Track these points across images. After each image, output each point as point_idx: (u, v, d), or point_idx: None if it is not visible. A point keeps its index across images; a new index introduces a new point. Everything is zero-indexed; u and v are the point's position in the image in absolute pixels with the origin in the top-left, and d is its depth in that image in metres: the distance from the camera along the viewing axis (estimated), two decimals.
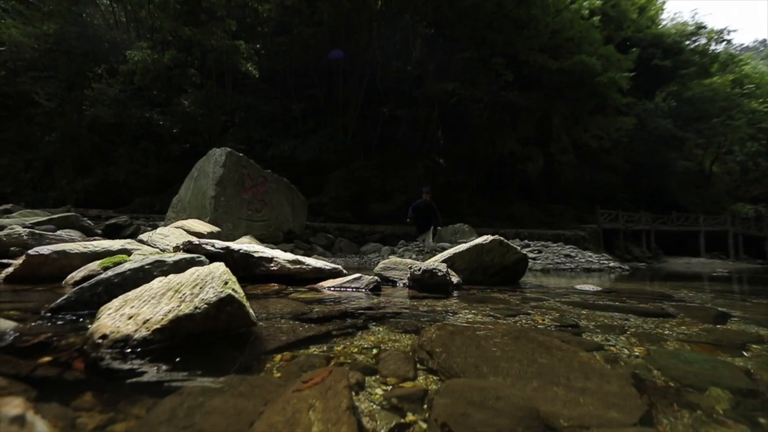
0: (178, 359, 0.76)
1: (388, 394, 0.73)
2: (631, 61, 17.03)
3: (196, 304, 0.81)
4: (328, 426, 0.50)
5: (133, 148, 14.90)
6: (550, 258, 6.27)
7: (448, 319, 1.38)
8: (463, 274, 2.66)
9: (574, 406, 0.67)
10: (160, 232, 3.49)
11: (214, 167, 7.61)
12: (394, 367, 0.87)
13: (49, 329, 0.97)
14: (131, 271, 1.27)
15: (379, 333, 1.18)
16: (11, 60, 14.15)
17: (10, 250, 3.18)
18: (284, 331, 1.09)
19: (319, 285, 2.17)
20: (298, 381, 0.67)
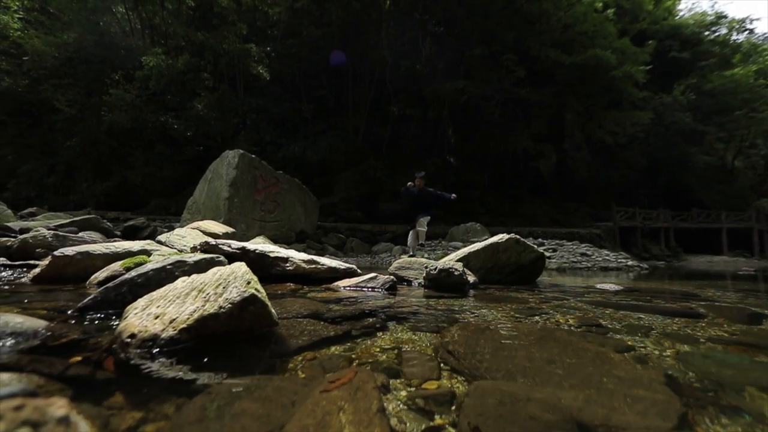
0: (206, 359, 0.76)
1: (413, 395, 0.72)
2: (648, 54, 16.55)
3: (220, 303, 0.82)
4: (359, 429, 0.49)
5: (149, 152, 15.26)
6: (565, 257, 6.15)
7: (468, 319, 1.36)
8: (479, 273, 2.62)
9: (608, 409, 0.65)
10: (177, 233, 3.56)
11: (228, 169, 7.74)
12: (418, 367, 0.86)
13: (78, 328, 0.99)
14: (154, 272, 1.30)
15: (399, 333, 1.17)
16: (34, 69, 14.68)
17: (36, 251, 3.30)
18: (304, 331, 1.09)
19: (335, 284, 2.17)
20: (325, 381, 0.67)
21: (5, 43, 14.74)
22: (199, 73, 14.51)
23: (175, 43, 15.04)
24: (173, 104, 14.97)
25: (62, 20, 15.06)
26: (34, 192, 15.07)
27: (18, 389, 0.44)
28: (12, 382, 0.52)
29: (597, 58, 14.56)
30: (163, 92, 14.66)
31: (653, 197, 21.31)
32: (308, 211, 9.32)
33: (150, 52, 13.43)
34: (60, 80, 14.63)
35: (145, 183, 15.04)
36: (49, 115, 15.41)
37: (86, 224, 5.86)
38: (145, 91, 14.17)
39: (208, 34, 13.84)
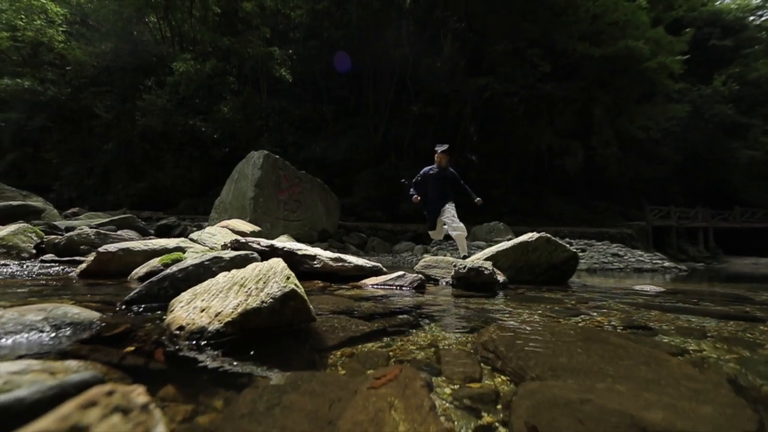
0: (250, 352, 0.78)
1: (457, 393, 0.70)
2: (684, 43, 15.61)
3: (262, 298, 0.83)
4: (415, 426, 0.48)
5: (179, 154, 15.95)
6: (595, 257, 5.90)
7: (502, 318, 1.32)
8: (507, 272, 2.55)
9: (672, 413, 0.61)
10: (208, 232, 3.70)
11: (253, 169, 7.95)
12: (458, 366, 0.84)
13: (127, 320, 1.04)
14: (193, 267, 1.34)
15: (433, 331, 1.15)
16: (75, 78, 15.66)
17: (80, 248, 3.51)
18: (340, 327, 1.09)
19: (362, 282, 2.18)
20: (370, 378, 0.66)
21: (51, 55, 15.81)
22: (225, 77, 15.01)
23: (202, 49, 15.62)
24: (201, 108, 15.58)
25: (100, 31, 15.99)
26: (76, 193, 16.08)
27: (89, 376, 0.46)
28: (80, 369, 0.54)
29: (628, 49, 13.88)
30: (192, 96, 15.27)
31: (690, 195, 20.07)
32: (330, 210, 9.44)
33: (179, 58, 14.02)
34: (98, 88, 15.54)
35: (175, 184, 15.73)
36: (89, 121, 16.41)
37: (123, 223, 6.21)
38: (175, 96, 14.80)
39: (233, 39, 14.30)
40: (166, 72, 14.94)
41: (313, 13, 15.97)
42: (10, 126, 16.63)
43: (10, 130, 16.76)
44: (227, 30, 15.58)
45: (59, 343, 0.81)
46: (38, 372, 0.49)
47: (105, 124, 15.91)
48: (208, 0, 15.31)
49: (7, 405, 0.39)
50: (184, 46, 16.94)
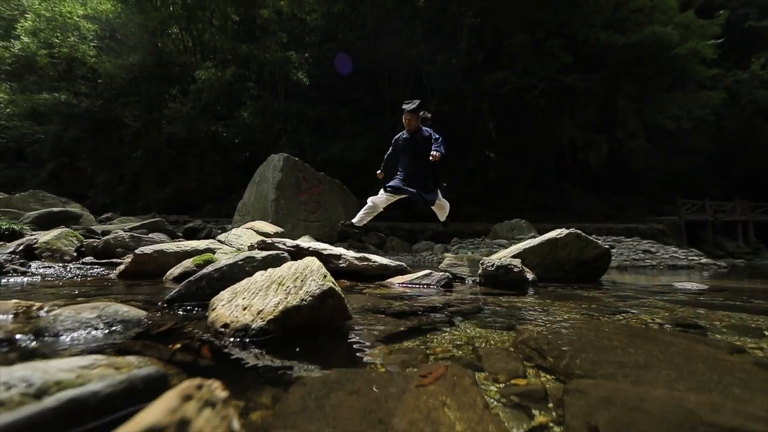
0: (294, 349, 0.79)
1: (504, 391, 0.68)
2: (718, 26, 14.70)
3: (301, 296, 0.84)
4: (472, 425, 0.47)
5: (202, 160, 16.50)
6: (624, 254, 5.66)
7: (538, 316, 1.29)
8: (536, 270, 2.48)
9: (742, 416, 0.57)
10: (234, 233, 3.80)
11: (274, 172, 8.12)
12: (500, 363, 0.82)
13: (171, 318, 1.08)
14: (228, 267, 1.38)
15: (468, 329, 1.13)
16: (106, 90, 16.49)
17: (116, 250, 3.68)
18: (374, 325, 1.09)
19: (388, 281, 2.18)
20: (415, 375, 0.65)
21: (84, 69, 16.72)
22: (244, 83, 15.41)
23: (222, 57, 16.09)
24: (222, 114, 16.05)
25: (128, 44, 16.76)
26: (108, 199, 16.93)
27: (153, 371, 0.48)
28: (141, 365, 0.56)
29: (655, 36, 13.22)
30: (213, 103, 15.76)
31: (725, 187, 18.91)
32: (349, 210, 9.50)
33: (201, 67, 14.50)
34: (127, 98, 16.30)
35: (200, 188, 16.29)
36: (119, 131, 17.24)
37: (153, 226, 6.49)
38: (198, 103, 15.33)
39: (251, 45, 14.65)
40: (189, 80, 15.50)
41: (328, 16, 16.14)
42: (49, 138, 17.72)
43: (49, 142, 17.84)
44: (246, 37, 15.98)
45: (112, 339, 0.85)
46: (105, 366, 0.52)
47: (134, 132, 16.68)
48: (227, 9, 15.75)
49: (84, 397, 0.41)
50: (205, 54, 17.51)
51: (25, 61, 16.30)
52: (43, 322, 0.86)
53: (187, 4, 16.15)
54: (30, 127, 17.53)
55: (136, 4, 16.24)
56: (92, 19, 16.86)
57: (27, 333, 0.83)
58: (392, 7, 14.91)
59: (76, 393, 0.40)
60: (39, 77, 17.20)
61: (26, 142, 18.77)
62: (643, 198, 18.02)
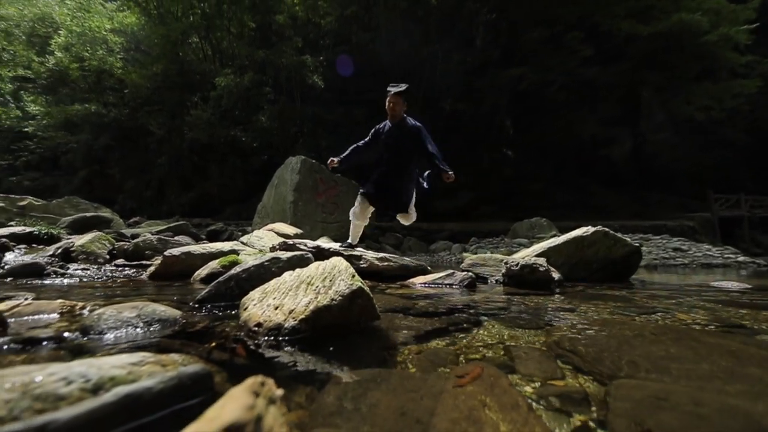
0: (326, 348, 0.79)
1: (541, 392, 0.66)
2: (752, 10, 13.87)
3: (331, 296, 0.85)
4: (517, 426, 0.45)
5: (223, 164, 16.96)
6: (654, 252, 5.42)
7: (569, 316, 1.25)
8: (561, 269, 2.41)
9: None
10: (256, 235, 3.89)
11: (291, 174, 8.25)
12: (534, 364, 0.80)
13: (204, 317, 1.11)
14: (255, 268, 1.41)
15: (496, 329, 1.11)
16: (132, 99, 17.24)
17: (145, 252, 3.84)
18: (401, 325, 1.09)
19: (410, 281, 2.17)
20: (450, 376, 0.65)
21: (111, 80, 17.54)
22: (261, 88, 15.75)
23: (240, 63, 16.51)
24: (240, 119, 16.46)
25: (152, 55, 17.46)
26: (136, 204, 17.66)
27: (200, 368, 0.49)
28: (185, 362, 0.58)
29: (683, 23, 12.59)
30: (232, 108, 16.18)
31: (762, 181, 17.81)
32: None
33: (221, 74, 14.93)
34: (152, 107, 16.99)
35: (220, 192, 16.76)
36: (145, 138, 17.97)
37: (179, 229, 6.72)
38: (218, 109, 15.78)
39: (268, 51, 14.96)
40: (209, 88, 15.98)
41: (341, 19, 16.28)
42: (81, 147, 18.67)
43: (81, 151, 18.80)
44: (262, 43, 16.34)
45: (151, 337, 0.88)
46: (152, 364, 0.54)
47: (158, 140, 17.34)
48: (244, 16, 16.15)
49: (139, 393, 0.42)
50: (224, 61, 18.01)
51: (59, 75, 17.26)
52: (89, 320, 0.90)
53: (206, 14, 16.68)
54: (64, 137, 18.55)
55: (158, 17, 16.90)
56: (118, 32, 17.67)
57: (74, 331, 0.88)
58: (405, 7, 14.88)
59: (132, 389, 0.42)
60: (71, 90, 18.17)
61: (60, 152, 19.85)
62: (671, 194, 17.22)
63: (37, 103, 18.59)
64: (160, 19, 16.61)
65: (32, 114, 18.75)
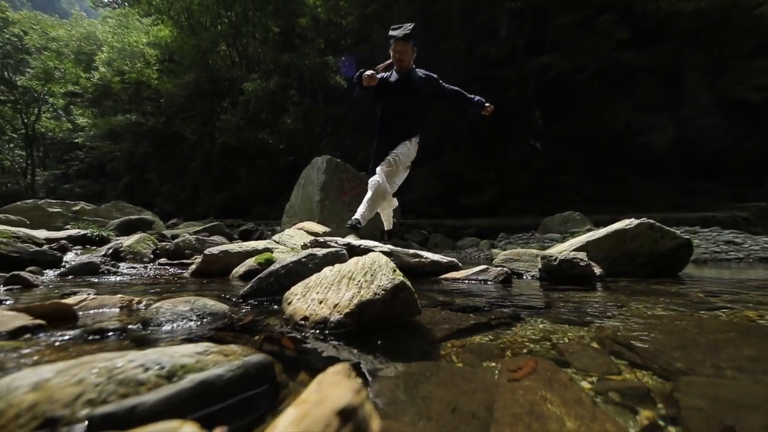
0: (372, 342, 0.80)
1: (599, 387, 0.63)
2: None
3: (374, 290, 0.86)
4: (586, 422, 0.44)
5: (251, 166, 17.60)
6: (702, 246, 5.03)
7: (617, 312, 1.19)
8: (601, 264, 2.30)
9: None
10: (287, 234, 4.00)
11: (318, 174, 8.41)
12: (586, 359, 0.77)
13: (249, 311, 1.16)
14: (293, 264, 1.45)
15: (540, 324, 1.08)
16: (168, 108, 18.25)
17: (185, 252, 4.05)
18: (441, 320, 1.08)
19: (443, 277, 2.15)
20: (503, 370, 0.63)
21: (149, 91, 18.66)
22: (286, 91, 16.17)
23: (265, 68, 17.04)
24: (267, 122, 17.00)
25: (184, 65, 18.38)
26: (173, 207, 18.73)
27: (262, 358, 0.51)
28: (245, 353, 0.60)
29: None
30: (259, 112, 16.75)
31: None
32: None
33: (249, 79, 15.47)
34: (185, 114, 17.91)
35: (249, 193, 17.41)
36: (179, 144, 19.00)
37: (213, 230, 7.04)
38: (246, 114, 16.38)
39: (291, 54, 15.32)
40: (237, 93, 16.62)
41: (362, 18, 16.34)
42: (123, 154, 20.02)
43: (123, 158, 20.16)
44: (285, 47, 16.76)
45: (204, 329, 0.93)
46: (216, 353, 0.56)
47: (191, 145, 18.27)
48: (268, 22, 16.61)
49: (211, 380, 0.45)
50: (250, 67, 18.64)
51: (103, 88, 18.59)
52: (148, 313, 0.96)
53: (233, 22, 17.32)
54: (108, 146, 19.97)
55: (189, 28, 17.76)
56: (154, 45, 18.75)
57: (136, 323, 0.94)
58: (425, 1, 14.71)
59: (205, 376, 0.44)
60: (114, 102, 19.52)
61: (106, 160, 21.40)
62: (720, 183, 15.91)
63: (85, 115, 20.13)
64: (191, 29, 17.44)
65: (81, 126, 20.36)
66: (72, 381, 0.45)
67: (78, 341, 0.82)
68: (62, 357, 0.71)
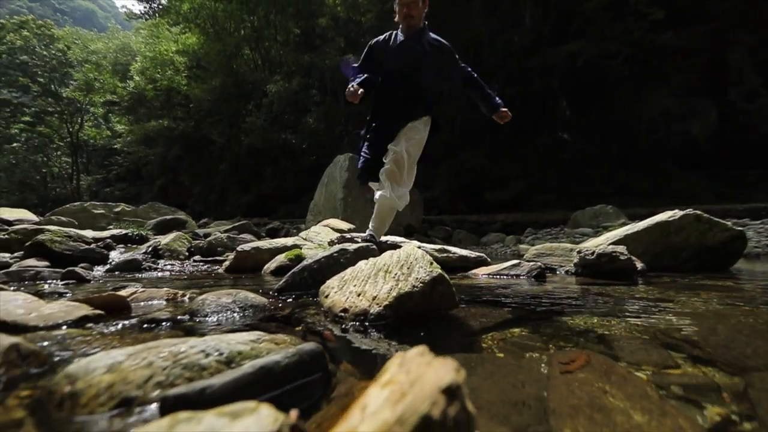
0: (422, 333, 0.80)
1: (657, 380, 0.60)
2: None
3: (412, 282, 0.85)
4: (654, 416, 0.41)
5: (275, 167, 18.04)
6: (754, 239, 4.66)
7: (666, 306, 1.12)
8: (642, 259, 2.18)
9: None
10: (313, 230, 4.09)
11: (340, 172, 8.50)
12: (639, 352, 0.73)
13: (286, 304, 1.19)
14: (325, 259, 1.47)
15: (581, 317, 1.04)
16: (196, 112, 19.02)
17: (217, 249, 4.21)
18: (478, 313, 1.06)
19: (472, 273, 2.11)
20: (554, 362, 0.61)
21: (179, 97, 19.53)
22: (308, 91, 16.42)
23: (287, 69, 17.37)
24: (290, 122, 17.34)
25: (210, 70, 19.08)
26: (203, 207, 19.55)
27: (314, 346, 0.52)
28: (294, 342, 0.62)
29: None
30: (282, 113, 17.11)
31: None
32: (413, 205, 9.51)
33: (272, 81, 15.83)
34: (213, 118, 18.60)
35: (275, 193, 17.87)
36: (208, 147, 19.77)
37: (242, 228, 7.27)
38: (269, 115, 16.79)
39: (312, 54, 15.52)
40: (260, 95, 17.06)
41: (381, 14, 16.26)
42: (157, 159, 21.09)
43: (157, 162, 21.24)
44: (306, 47, 17.00)
45: (247, 320, 0.96)
46: (268, 342, 0.58)
47: (219, 148, 18.96)
48: (289, 24, 16.90)
49: (270, 366, 0.46)
50: (273, 69, 19.07)
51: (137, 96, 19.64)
52: (195, 305, 1.01)
53: (255, 26, 17.76)
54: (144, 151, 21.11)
55: (214, 34, 18.39)
56: (182, 52, 19.58)
57: (184, 314, 0.99)
58: None
59: (265, 362, 0.46)
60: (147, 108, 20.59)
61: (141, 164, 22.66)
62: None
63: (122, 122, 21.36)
64: (216, 36, 18.05)
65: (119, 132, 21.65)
66: (142, 364, 0.48)
67: (134, 330, 0.88)
68: (125, 343, 0.76)
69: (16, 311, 0.93)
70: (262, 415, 0.27)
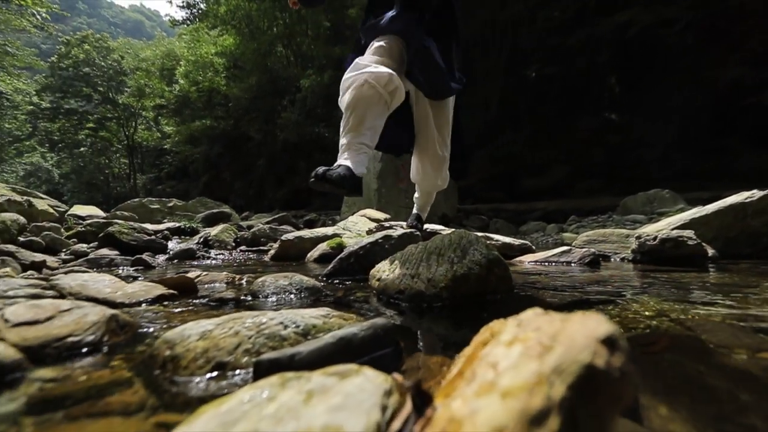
0: (485, 314, 0.80)
1: (751, 363, 0.55)
2: None
3: (467, 265, 0.84)
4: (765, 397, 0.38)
5: (310, 161, 18.50)
6: None
7: (746, 290, 1.01)
8: (711, 245, 1.99)
9: None
10: (351, 220, 4.18)
11: (374, 162, 8.54)
12: (724, 336, 0.66)
13: (338, 288, 1.23)
14: (370, 245, 1.50)
15: (649, 302, 0.96)
16: (235, 111, 19.90)
17: (261, 240, 4.43)
18: (534, 298, 1.03)
19: (517, 260, 2.05)
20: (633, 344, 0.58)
21: (218, 97, 20.52)
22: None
23: (319, 63, 17.58)
24: (323, 116, 17.62)
25: (246, 69, 19.82)
26: (243, 201, 20.60)
27: (385, 321, 0.53)
28: (357, 319, 0.64)
29: None
30: (315, 107, 17.42)
31: None
32: (447, 194, 9.35)
33: (304, 76, 16.13)
34: (250, 115, 19.37)
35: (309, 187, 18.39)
36: (246, 144, 20.68)
37: (282, 220, 7.59)
38: (303, 110, 17.17)
39: (343, 46, 15.55)
40: (294, 91, 17.47)
41: None
42: (201, 156, 22.43)
43: (201, 160, 22.60)
44: (337, 40, 17.07)
45: (305, 301, 1.00)
46: (337, 317, 0.60)
47: (257, 144, 19.76)
48: (319, 17, 17.03)
49: (349, 338, 0.48)
50: (305, 64, 19.40)
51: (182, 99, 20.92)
52: (255, 286, 1.07)
53: (287, 23, 18.11)
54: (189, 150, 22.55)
55: (249, 33, 19.02)
56: (221, 54, 20.48)
57: (246, 295, 1.06)
58: None
59: (344, 333, 0.47)
60: (191, 110, 21.89)
61: (188, 162, 24.25)
62: None
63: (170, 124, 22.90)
64: (251, 35, 18.65)
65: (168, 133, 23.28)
66: (230, 333, 0.52)
67: (205, 307, 0.95)
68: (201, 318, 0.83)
69: (105, 290, 1.05)
70: (369, 375, 0.28)
